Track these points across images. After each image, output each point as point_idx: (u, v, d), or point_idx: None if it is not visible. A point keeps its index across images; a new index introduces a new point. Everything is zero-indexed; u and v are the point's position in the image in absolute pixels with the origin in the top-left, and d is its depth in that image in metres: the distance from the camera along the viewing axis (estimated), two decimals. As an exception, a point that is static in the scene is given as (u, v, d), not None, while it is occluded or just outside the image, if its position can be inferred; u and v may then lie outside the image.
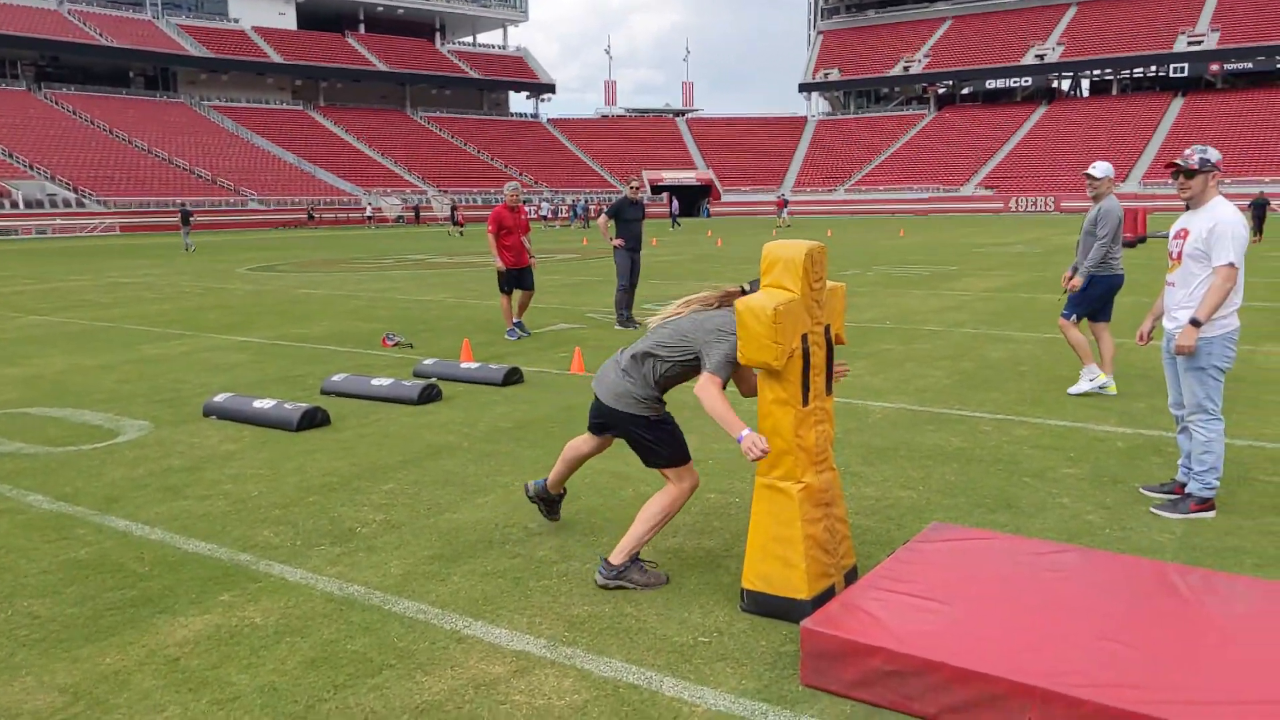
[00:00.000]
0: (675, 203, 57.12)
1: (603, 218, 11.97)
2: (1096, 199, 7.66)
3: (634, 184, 11.96)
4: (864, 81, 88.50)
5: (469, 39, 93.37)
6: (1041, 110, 79.92)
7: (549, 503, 4.68)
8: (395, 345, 10.68)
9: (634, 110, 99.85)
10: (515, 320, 11.14)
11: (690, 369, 4.01)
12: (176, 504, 5.24)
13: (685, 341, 3.96)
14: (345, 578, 4.19)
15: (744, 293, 3.96)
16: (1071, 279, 7.76)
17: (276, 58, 75.53)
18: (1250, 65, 72.57)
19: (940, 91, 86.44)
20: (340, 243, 38.57)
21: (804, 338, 3.70)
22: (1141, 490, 5.20)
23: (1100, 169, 7.55)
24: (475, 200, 65.21)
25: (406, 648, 3.54)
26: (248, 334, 11.99)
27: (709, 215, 74.33)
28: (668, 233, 45.14)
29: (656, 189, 75.79)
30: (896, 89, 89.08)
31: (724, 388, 3.84)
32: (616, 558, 4.01)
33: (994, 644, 3.05)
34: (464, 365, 8.59)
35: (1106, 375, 7.73)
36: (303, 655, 3.49)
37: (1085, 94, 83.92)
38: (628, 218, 11.67)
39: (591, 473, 5.64)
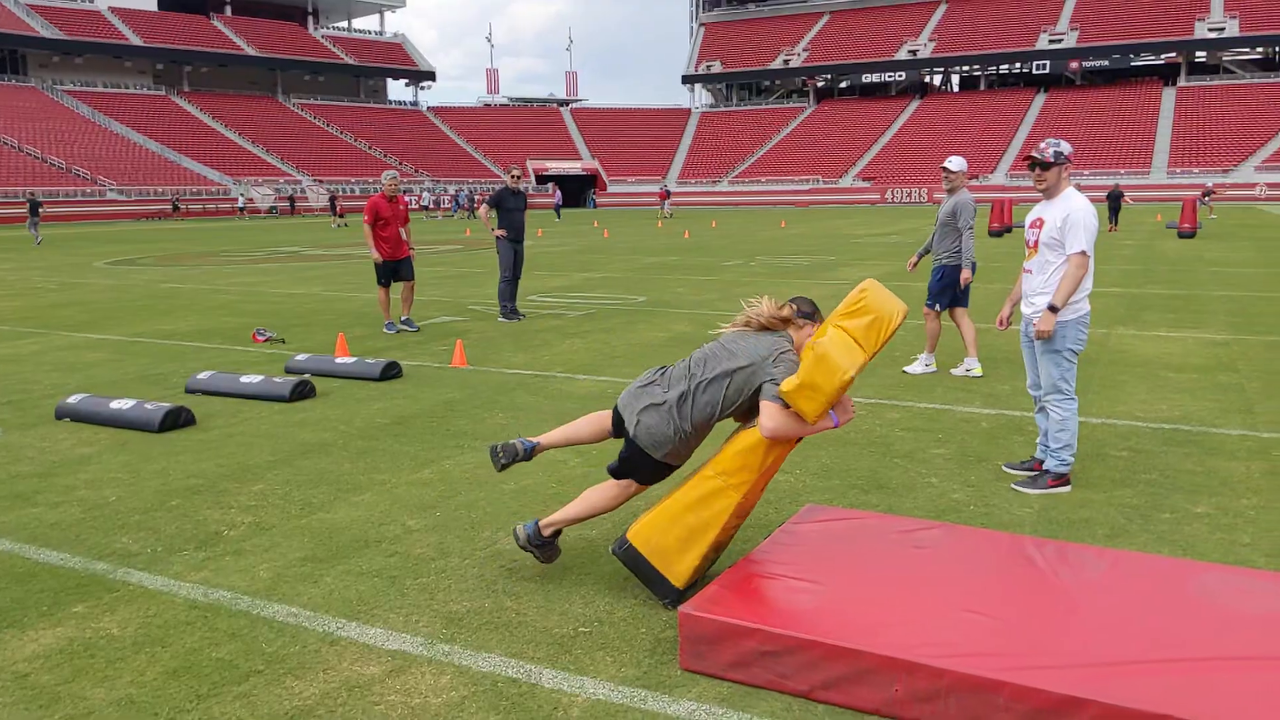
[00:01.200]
0: (558, 194, 56.78)
1: (484, 208, 11.81)
2: (951, 192, 8.04)
3: (515, 173, 11.83)
4: (745, 74, 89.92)
5: (344, 24, 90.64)
6: (915, 104, 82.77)
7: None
8: (267, 341, 10.30)
9: (518, 99, 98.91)
10: (403, 318, 10.84)
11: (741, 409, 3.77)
12: (25, 512, 4.92)
13: (742, 381, 3.68)
14: (210, 583, 4.01)
15: (796, 315, 3.79)
16: (919, 264, 8.15)
17: (136, 40, 71.75)
18: (1107, 63, 76.80)
19: (819, 85, 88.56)
20: (208, 235, 36.98)
21: None
22: (1004, 468, 5.44)
23: (955, 163, 7.92)
24: (353, 190, 63.44)
25: (276, 653, 3.42)
26: (105, 331, 11.37)
27: (595, 206, 74.37)
28: (551, 223, 44.94)
29: (542, 179, 75.36)
30: (777, 82, 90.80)
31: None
32: (548, 529, 3.95)
33: (864, 620, 3.14)
34: (339, 360, 8.35)
35: (971, 356, 8.09)
36: (163, 665, 3.33)
37: (956, 89, 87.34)
38: (509, 207, 11.55)
39: (472, 466, 5.57)
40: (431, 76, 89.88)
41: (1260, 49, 74.36)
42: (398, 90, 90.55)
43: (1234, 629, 3.07)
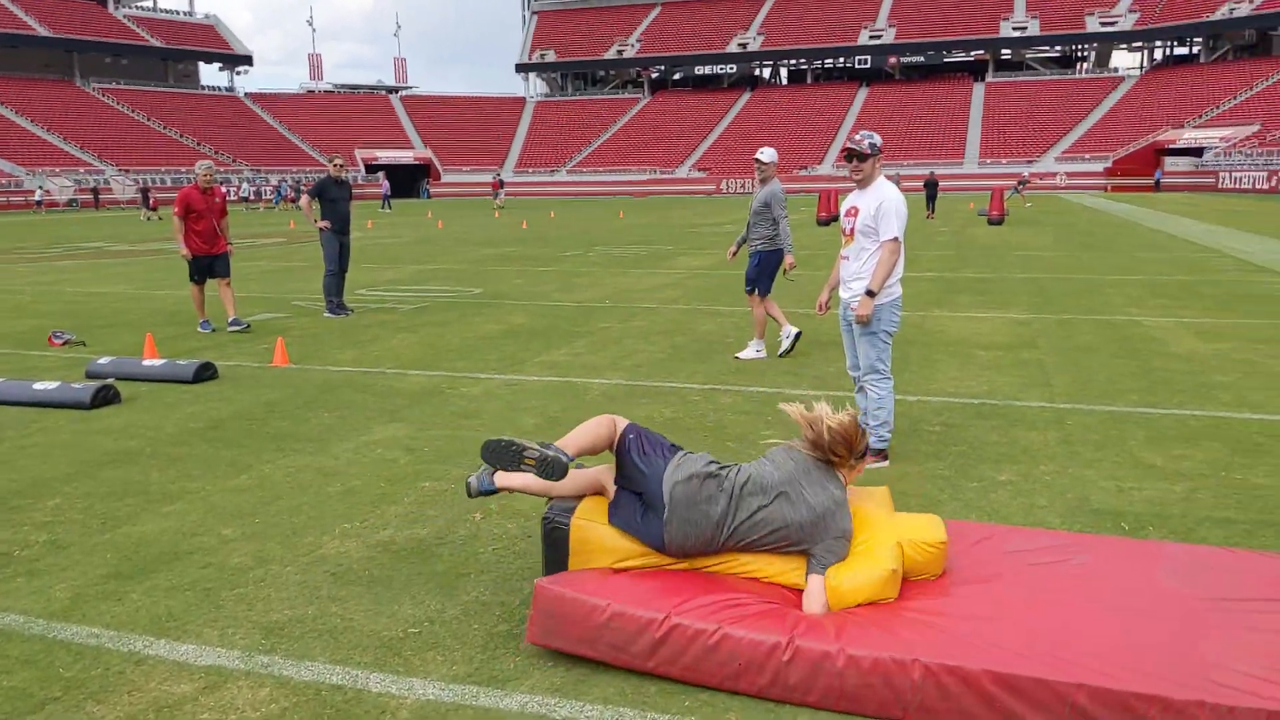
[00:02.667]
0: (386, 183, 54.99)
1: (304, 198, 11.32)
2: (764, 181, 8.34)
3: (338, 162, 11.40)
4: (580, 64, 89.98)
5: (148, 3, 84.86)
6: (746, 97, 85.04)
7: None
8: (64, 344, 9.52)
9: (343, 86, 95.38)
10: (231, 319, 10.18)
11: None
12: None
13: (794, 536, 3.36)
14: (0, 608, 3.67)
15: (851, 457, 3.50)
16: (744, 252, 8.46)
17: (-92, 16, 64.94)
18: (922, 59, 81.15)
19: (654, 76, 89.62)
20: None
21: None
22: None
23: (767, 154, 8.25)
24: (164, 181, 59.54)
25: (75, 677, 3.16)
26: (-123, 337, 10.24)
27: (429, 196, 72.74)
28: (379, 214, 43.67)
29: (372, 168, 73.01)
30: (611, 72, 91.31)
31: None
32: (502, 486, 3.70)
33: (712, 597, 3.21)
34: (147, 363, 7.81)
35: (758, 339, 8.47)
36: (-60, 704, 3.02)
37: (784, 82, 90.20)
38: (332, 197, 11.11)
39: (294, 469, 5.33)
40: (248, 61, 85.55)
41: (1059, 48, 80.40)
42: (211, 75, 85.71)
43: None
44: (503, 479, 3.71)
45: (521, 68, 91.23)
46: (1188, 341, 8.81)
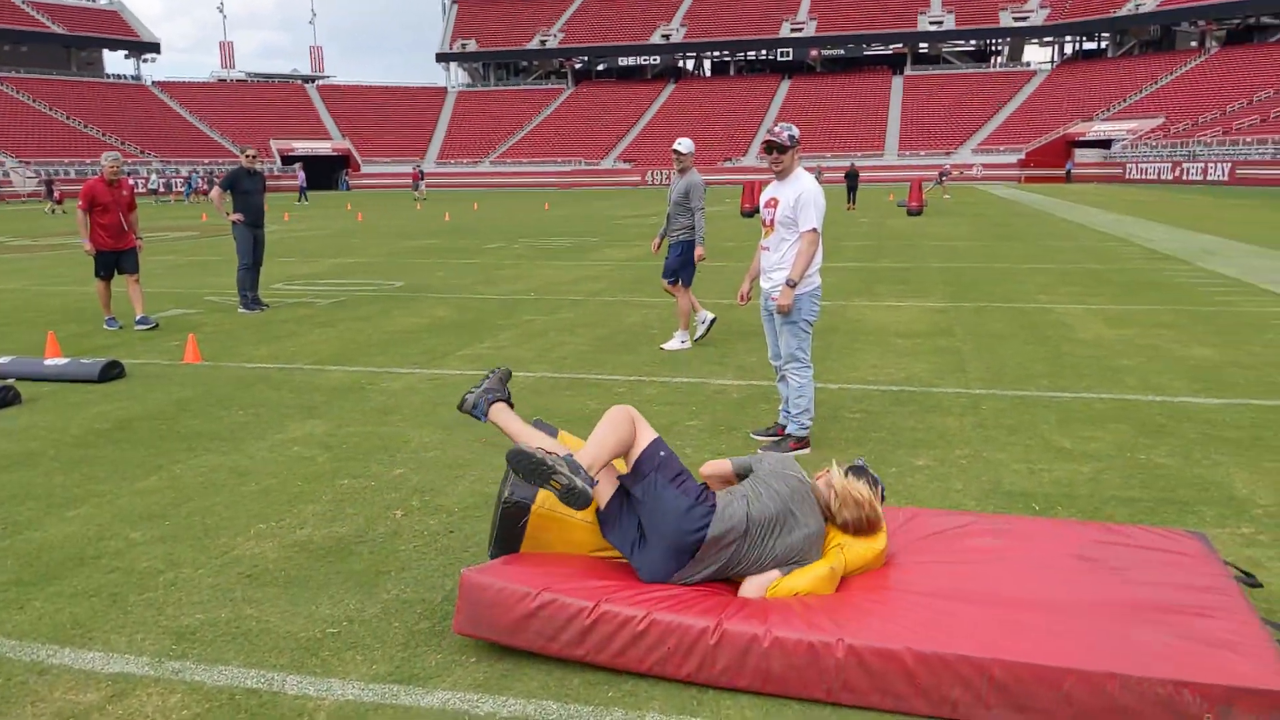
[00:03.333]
0: (302, 175, 53.63)
1: (215, 190, 10.99)
2: (682, 172, 8.39)
3: (250, 153, 11.08)
4: (502, 54, 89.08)
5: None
6: (670, 88, 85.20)
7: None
8: (-37, 342, 9.09)
9: (257, 75, 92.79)
10: (138, 317, 9.82)
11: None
12: None
13: (785, 555, 3.34)
14: (-115, 623, 3.48)
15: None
16: (665, 245, 8.54)
17: None
18: (843, 52, 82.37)
19: (577, 67, 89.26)
20: (-108, 223, 32.25)
21: None
22: (751, 435, 5.71)
23: (685, 145, 8.29)
24: (68, 173, 57.21)
25: (-29, 692, 3.01)
26: None
27: (348, 188, 71.31)
28: (295, 206, 42.66)
29: (289, 160, 71.23)
30: (535, 62, 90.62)
31: None
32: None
33: (640, 584, 3.23)
34: (49, 362, 7.49)
35: (683, 330, 8.53)
36: None
37: (708, 74, 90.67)
38: (245, 189, 10.79)
39: (207, 469, 5.17)
40: (155, 49, 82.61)
41: (974, 42, 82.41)
42: (116, 63, 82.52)
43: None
44: (498, 416, 3.68)
45: (442, 57, 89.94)
46: (1095, 327, 9.12)
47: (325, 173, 71.71)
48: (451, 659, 3.18)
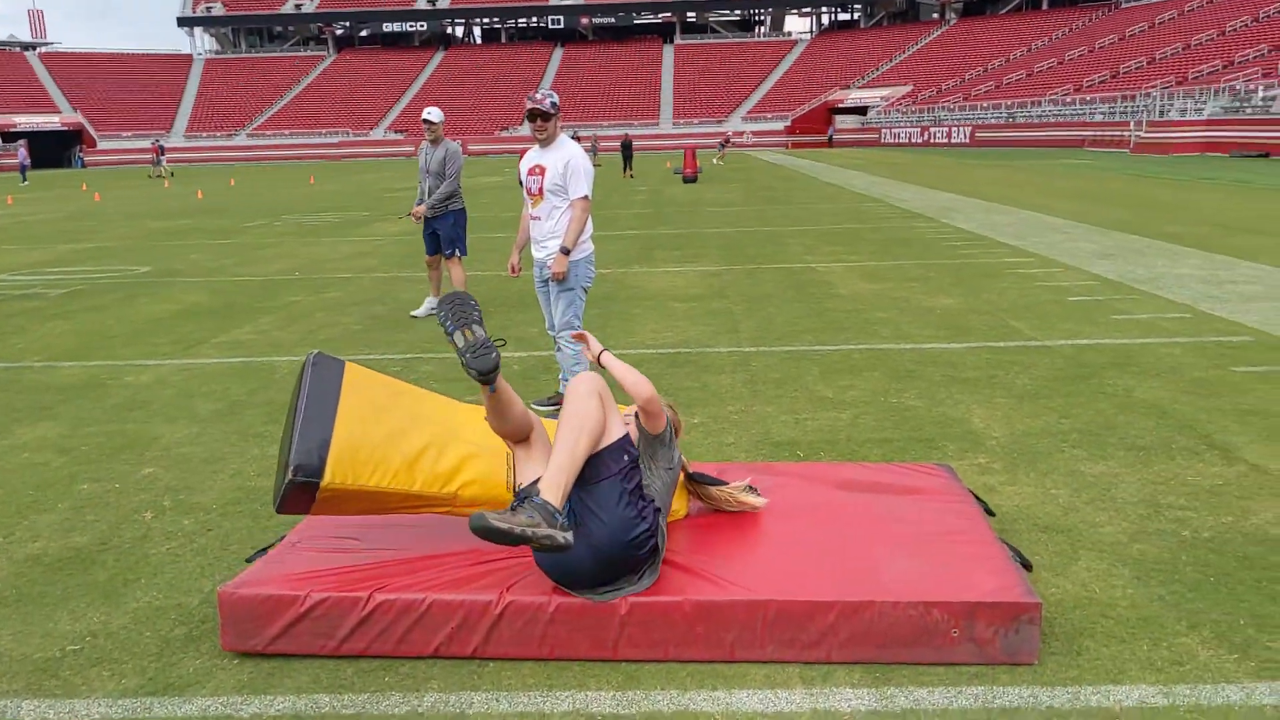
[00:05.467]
0: (24, 153, 48.13)
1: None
2: (435, 142, 8.25)
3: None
4: (252, 18, 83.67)
5: None
6: (440, 56, 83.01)
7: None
8: None
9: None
10: None
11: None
12: None
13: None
14: None
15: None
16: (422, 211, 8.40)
17: None
18: (614, 20, 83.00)
19: (338, 33, 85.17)
20: None
21: None
22: (533, 405, 5.66)
23: (435, 114, 8.19)
24: None
25: None
26: None
27: (83, 166, 65.00)
28: (18, 188, 38.38)
29: (10, 136, 63.91)
30: (290, 28, 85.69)
31: None
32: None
33: (412, 568, 3.12)
34: None
35: (434, 296, 8.55)
36: None
37: (479, 41, 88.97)
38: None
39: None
40: None
41: (738, 11, 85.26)
42: None
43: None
44: (505, 391, 3.12)
45: (185, 21, 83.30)
46: (854, 284, 9.70)
47: (54, 150, 64.95)
48: (212, 663, 2.97)
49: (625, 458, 3.01)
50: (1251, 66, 41.92)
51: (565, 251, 5.25)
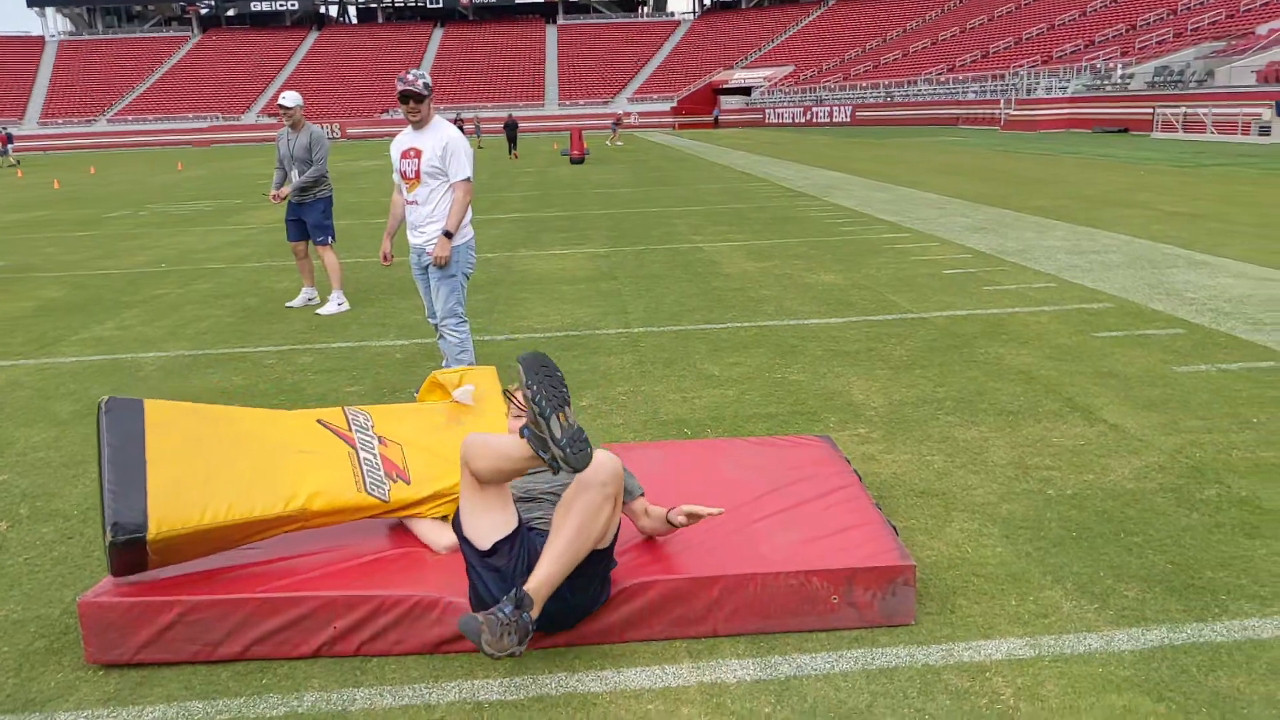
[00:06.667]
0: None
1: None
2: (295, 127, 8.03)
3: None
4: (111, -2, 79.31)
5: None
6: (314, 36, 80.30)
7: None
8: None
9: None
10: None
11: None
12: None
13: None
14: None
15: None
16: (284, 194, 8.16)
17: None
18: (494, 0, 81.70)
19: (203, 12, 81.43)
20: None
21: None
22: (414, 393, 5.54)
23: (291, 99, 7.95)
24: None
25: None
26: None
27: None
28: None
29: None
30: (150, 7, 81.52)
31: None
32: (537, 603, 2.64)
33: (290, 568, 3.02)
34: None
35: (309, 290, 8.42)
36: None
37: (354, 21, 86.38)
38: None
39: None
40: None
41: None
42: None
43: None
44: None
45: (35, 1, 78.33)
46: (740, 262, 9.83)
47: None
48: (77, 676, 2.82)
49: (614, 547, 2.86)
50: (1111, 45, 44.12)
51: (448, 235, 5.15)
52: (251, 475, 3.02)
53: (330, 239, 8.16)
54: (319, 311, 8.01)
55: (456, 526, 2.79)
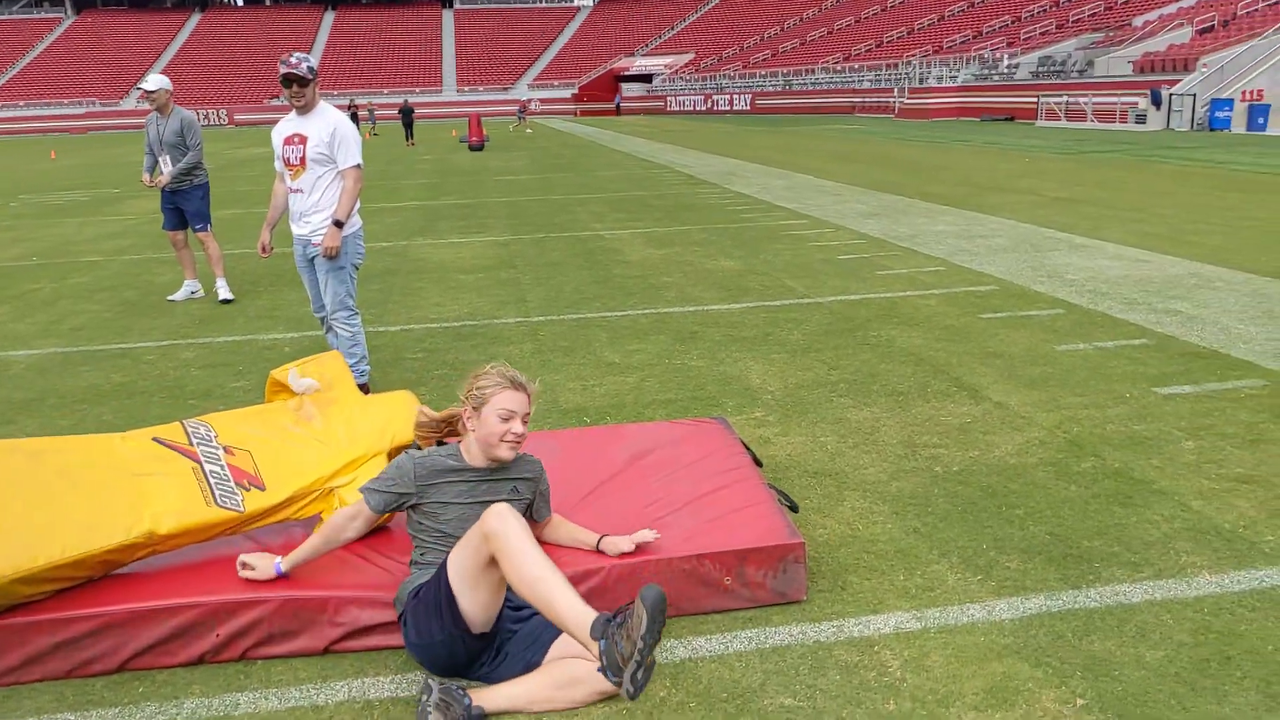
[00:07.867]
0: None
1: None
2: (162, 110, 7.78)
3: None
4: (-23, -24, 74.73)
5: None
6: (196, 19, 77.20)
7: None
8: None
9: None
10: None
11: None
12: None
13: None
14: None
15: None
16: (161, 182, 7.99)
17: None
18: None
19: (79, -7, 77.53)
20: None
21: None
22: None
23: (155, 82, 7.69)
24: None
25: None
26: None
27: None
28: None
29: None
30: (23, -13, 77.21)
31: None
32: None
33: (168, 577, 2.90)
34: None
35: (192, 282, 8.23)
36: None
37: (240, 3, 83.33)
38: None
39: None
40: None
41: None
42: None
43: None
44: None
45: (-107, -23, 73.43)
46: (641, 250, 9.84)
47: None
48: (-67, 699, 2.64)
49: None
50: (998, 36, 45.65)
51: (338, 225, 4.99)
52: (87, 508, 2.83)
53: (209, 226, 8.01)
54: (224, 298, 7.85)
55: (446, 587, 2.56)
